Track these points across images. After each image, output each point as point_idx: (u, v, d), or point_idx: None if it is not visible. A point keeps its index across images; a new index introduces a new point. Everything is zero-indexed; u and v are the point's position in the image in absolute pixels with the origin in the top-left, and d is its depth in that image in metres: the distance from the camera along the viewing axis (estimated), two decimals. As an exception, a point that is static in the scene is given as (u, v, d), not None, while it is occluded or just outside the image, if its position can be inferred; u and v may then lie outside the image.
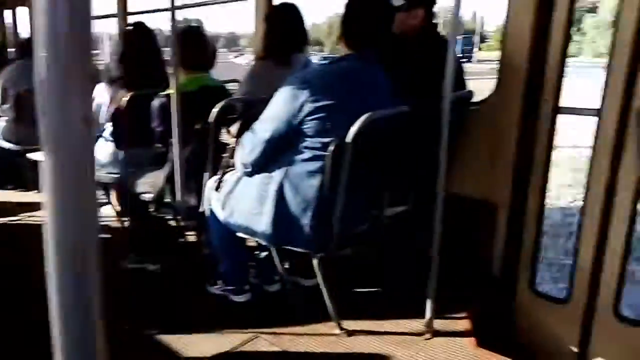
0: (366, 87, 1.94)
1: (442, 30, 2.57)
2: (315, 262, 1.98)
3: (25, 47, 4.11)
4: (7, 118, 4.20)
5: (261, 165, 2.01)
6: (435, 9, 2.44)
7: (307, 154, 1.90)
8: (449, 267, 2.00)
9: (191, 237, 2.93)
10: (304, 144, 1.90)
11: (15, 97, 4.02)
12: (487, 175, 2.48)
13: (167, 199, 2.65)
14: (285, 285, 2.38)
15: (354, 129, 1.78)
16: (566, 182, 6.56)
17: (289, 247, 2.00)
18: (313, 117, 1.85)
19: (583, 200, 2.22)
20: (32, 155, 3.91)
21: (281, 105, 1.91)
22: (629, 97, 2.01)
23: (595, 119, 2.11)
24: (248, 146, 2.02)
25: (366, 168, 1.95)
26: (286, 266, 2.28)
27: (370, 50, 1.97)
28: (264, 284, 2.45)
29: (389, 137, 2.00)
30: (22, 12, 7.08)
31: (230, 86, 3.05)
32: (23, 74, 3.95)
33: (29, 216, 3.87)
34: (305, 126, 1.87)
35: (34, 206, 4.04)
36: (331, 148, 1.82)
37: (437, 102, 1.79)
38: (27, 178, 4.31)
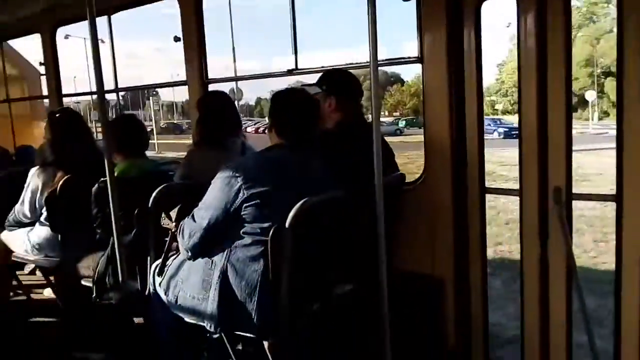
0: (299, 174, 2.01)
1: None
2: (266, 345, 1.98)
3: None
4: None
5: (201, 250, 2.02)
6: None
7: (248, 240, 1.92)
8: (403, 344, 2.04)
9: (136, 321, 2.84)
10: (244, 229, 1.93)
11: None
12: (428, 252, 2.61)
13: (108, 284, 2.58)
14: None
15: (291, 215, 1.83)
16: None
17: (238, 333, 1.99)
18: (249, 203, 1.89)
19: (520, 275, 2.37)
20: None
21: (217, 192, 1.95)
22: (545, 176, 2.20)
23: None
24: (187, 232, 2.03)
25: (309, 250, 1.99)
26: (238, 348, 2.25)
27: (299, 139, 2.05)
28: (214, 371, 2.40)
29: (327, 220, 2.06)
30: None
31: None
32: None
33: None
34: (242, 212, 1.91)
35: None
36: (270, 234, 1.85)
37: (368, 187, 1.86)
38: None
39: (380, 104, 1.80)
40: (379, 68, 1.68)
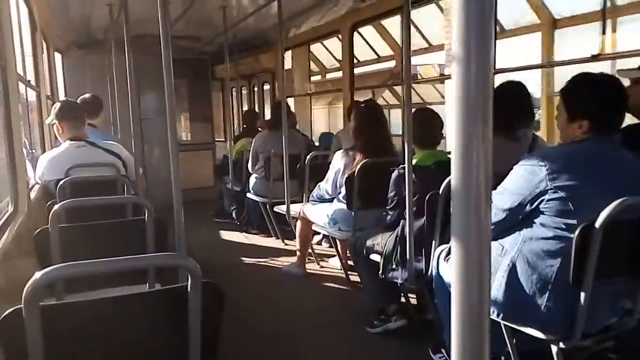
0: (612, 171, 1.82)
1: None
2: (554, 350, 1.88)
3: (273, 121, 5.01)
4: (257, 176, 5.08)
5: (496, 232, 2.00)
6: None
7: (548, 233, 1.83)
8: None
9: (414, 300, 3.06)
10: (544, 221, 1.84)
11: (265, 160, 4.84)
12: None
13: (394, 262, 2.82)
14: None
15: (604, 214, 1.68)
16: None
17: (520, 327, 1.94)
18: (553, 196, 1.80)
19: None
20: (276, 208, 4.62)
21: (519, 179, 1.91)
22: None
23: None
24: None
25: (618, 256, 1.81)
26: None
27: (610, 132, 1.86)
28: (491, 361, 2.39)
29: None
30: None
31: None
32: (270, 141, 4.82)
33: (272, 259, 4.55)
34: (544, 204, 1.83)
35: (276, 251, 4.78)
36: (577, 232, 1.73)
37: None
38: (270, 226, 5.09)
39: None
40: None
